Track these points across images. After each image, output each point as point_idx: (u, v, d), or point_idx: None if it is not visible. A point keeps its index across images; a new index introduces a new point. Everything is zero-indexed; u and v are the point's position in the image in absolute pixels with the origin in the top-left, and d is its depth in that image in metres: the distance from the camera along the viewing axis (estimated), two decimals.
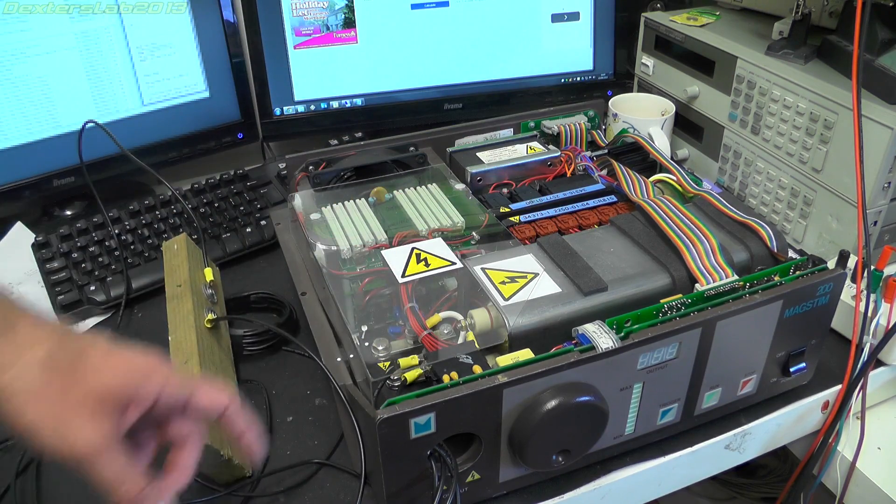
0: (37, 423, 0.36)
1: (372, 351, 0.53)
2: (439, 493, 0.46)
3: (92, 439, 0.37)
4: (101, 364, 0.39)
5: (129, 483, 0.38)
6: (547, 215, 0.68)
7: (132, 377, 0.39)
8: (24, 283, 0.78)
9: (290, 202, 0.71)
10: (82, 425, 0.37)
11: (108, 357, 0.39)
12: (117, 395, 0.38)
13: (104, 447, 0.37)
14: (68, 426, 0.37)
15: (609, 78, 1.08)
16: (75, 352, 0.38)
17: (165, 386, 0.40)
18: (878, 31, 0.69)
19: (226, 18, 0.93)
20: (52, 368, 0.37)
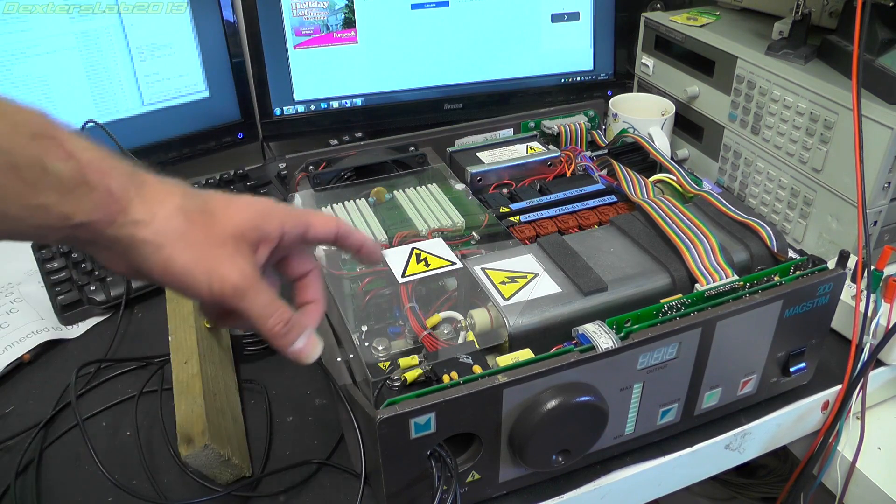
0: (189, 267, 0.38)
1: (372, 351, 0.53)
2: (439, 493, 0.46)
3: (241, 273, 0.39)
4: (226, 209, 0.41)
5: (279, 312, 0.41)
6: (547, 215, 0.68)
7: (257, 217, 0.41)
8: (24, 283, 0.78)
9: (290, 202, 0.71)
10: (230, 262, 0.39)
11: (230, 203, 0.41)
12: (249, 234, 0.41)
13: (253, 280, 0.40)
14: (219, 264, 0.39)
15: (609, 78, 1.08)
16: (201, 202, 0.40)
17: (285, 222, 0.43)
18: (878, 31, 0.69)
19: (226, 18, 0.93)
20: (188, 215, 0.39)
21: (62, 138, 0.35)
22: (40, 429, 0.60)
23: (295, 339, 0.42)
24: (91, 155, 0.36)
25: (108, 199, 0.36)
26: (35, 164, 0.34)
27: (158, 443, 0.59)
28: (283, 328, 0.41)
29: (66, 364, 0.69)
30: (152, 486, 0.55)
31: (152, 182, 0.39)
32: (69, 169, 0.35)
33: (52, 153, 0.34)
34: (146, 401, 0.63)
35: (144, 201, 0.38)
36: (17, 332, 0.70)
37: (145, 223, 0.37)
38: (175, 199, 0.39)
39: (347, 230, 0.46)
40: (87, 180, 0.35)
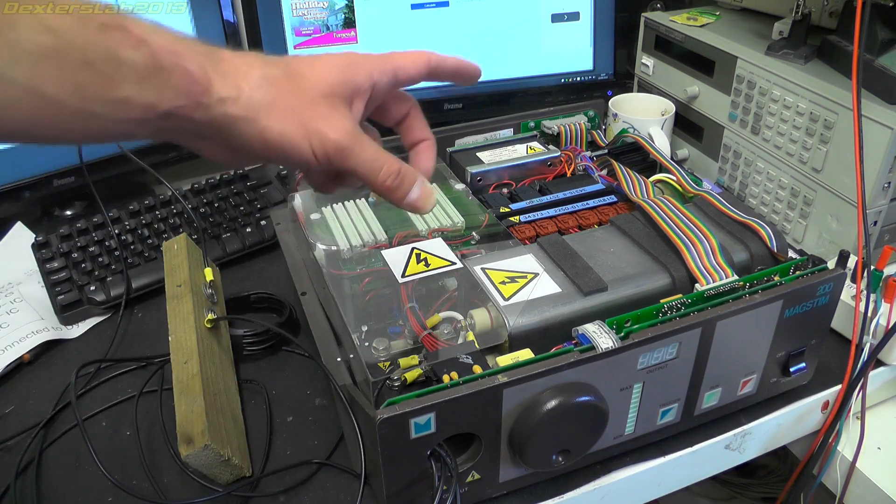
0: (288, 134, 0.37)
1: (372, 351, 0.53)
2: (439, 493, 0.46)
3: (341, 130, 0.38)
4: (312, 70, 0.39)
5: (389, 164, 0.40)
6: (547, 215, 0.68)
7: (344, 71, 0.40)
8: (24, 283, 0.78)
9: (290, 202, 0.71)
10: (328, 121, 0.38)
11: (314, 62, 0.40)
12: (341, 90, 0.39)
13: (355, 136, 0.39)
14: (317, 125, 0.38)
15: (609, 78, 1.08)
16: (283, 66, 0.39)
17: (373, 70, 0.41)
18: (878, 31, 0.69)
19: (226, 18, 0.93)
20: (274, 82, 0.38)
21: (130, 26, 0.34)
22: (40, 429, 0.60)
23: (409, 189, 0.41)
24: (162, 39, 0.35)
25: (187, 80, 0.35)
26: (108, 56, 0.33)
27: (158, 443, 0.59)
28: (396, 180, 0.40)
29: (66, 364, 0.69)
30: (152, 486, 0.55)
31: (230, 57, 0.38)
32: (142, 56, 0.34)
33: (123, 42, 0.34)
34: (146, 401, 0.63)
35: (227, 77, 0.37)
36: (17, 332, 0.70)
37: (233, 99, 0.36)
38: (257, 69, 0.38)
39: (439, 61, 0.44)
40: (163, 65, 0.35)
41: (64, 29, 0.32)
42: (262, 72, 0.38)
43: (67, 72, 0.32)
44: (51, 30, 0.32)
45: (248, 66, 0.38)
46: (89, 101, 0.33)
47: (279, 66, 0.39)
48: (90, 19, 0.33)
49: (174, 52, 0.35)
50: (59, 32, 0.32)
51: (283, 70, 0.39)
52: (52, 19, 0.32)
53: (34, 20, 0.31)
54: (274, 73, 0.38)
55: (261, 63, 0.38)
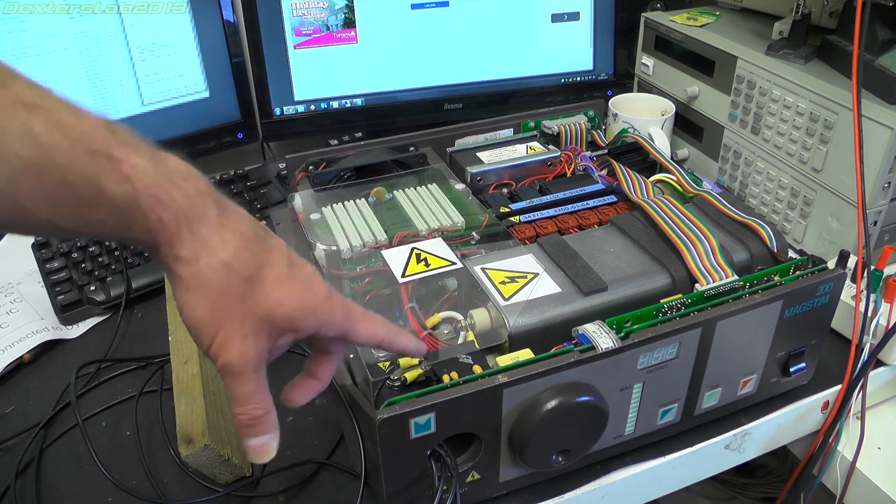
0: (202, 323, 0.37)
1: (372, 351, 0.53)
2: (439, 493, 0.46)
3: (241, 356, 0.38)
4: (275, 288, 0.38)
5: (253, 406, 0.39)
6: (547, 215, 0.68)
7: (299, 312, 0.39)
8: (24, 283, 0.78)
9: (290, 202, 0.71)
10: (240, 341, 0.37)
11: (283, 282, 0.39)
12: (280, 323, 0.39)
13: (250, 367, 0.38)
14: (228, 337, 0.37)
15: (609, 78, 1.08)
16: (254, 266, 0.38)
17: (325, 324, 0.41)
18: (878, 31, 0.69)
19: (226, 18, 0.93)
20: (229, 275, 0.37)
21: (121, 157, 0.34)
22: (40, 429, 0.60)
23: (253, 436, 0.40)
24: (148, 180, 0.35)
25: (158, 227, 0.35)
26: (90, 183, 0.33)
27: (158, 443, 0.59)
28: (248, 421, 0.40)
29: (66, 364, 0.69)
30: (152, 486, 0.55)
31: (212, 220, 0.37)
32: (124, 192, 0.34)
33: (108, 174, 0.33)
34: (146, 401, 0.63)
35: (194, 239, 0.36)
36: (17, 332, 0.70)
37: (186, 261, 0.36)
38: (226, 252, 0.37)
39: (391, 342, 0.44)
40: (141, 207, 0.35)
41: (51, 146, 0.32)
42: (228, 258, 0.37)
43: (45, 187, 0.32)
44: (38, 144, 0.31)
45: (221, 242, 0.37)
46: (61, 216, 0.33)
47: (249, 264, 0.38)
48: (80, 142, 0.33)
49: (156, 198, 0.35)
50: (45, 149, 0.32)
51: (249, 271, 0.38)
52: (43, 134, 0.32)
53: (24, 130, 0.31)
54: (239, 267, 0.37)
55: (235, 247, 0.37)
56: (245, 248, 0.38)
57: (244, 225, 0.39)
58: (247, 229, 0.39)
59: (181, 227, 0.36)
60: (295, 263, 0.40)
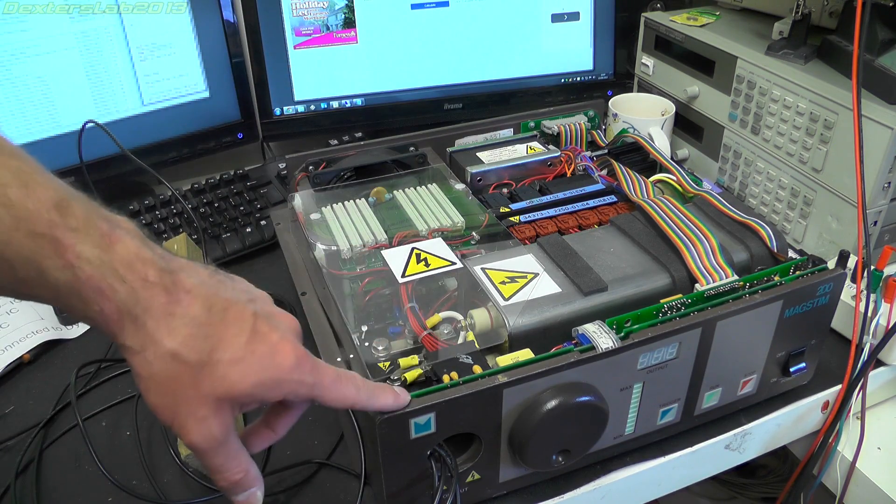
0: (157, 408, 0.37)
1: (372, 351, 0.53)
2: (439, 493, 0.46)
3: (204, 437, 0.37)
4: (231, 368, 0.37)
5: (231, 473, 0.39)
6: (547, 215, 0.68)
7: (260, 387, 0.37)
8: None
9: (290, 202, 0.71)
10: (198, 423, 0.37)
11: (241, 360, 0.37)
12: (242, 399, 0.38)
13: (215, 444, 0.38)
14: (184, 421, 0.37)
15: (609, 78, 1.08)
16: (207, 349, 0.36)
17: (291, 392, 0.39)
18: (878, 31, 0.69)
19: (226, 18, 0.93)
20: (178, 365, 0.36)
21: (67, 242, 0.33)
22: (40, 429, 0.60)
23: (237, 493, 0.40)
24: (91, 271, 0.34)
25: (99, 317, 0.35)
26: (30, 264, 0.33)
27: (158, 443, 0.59)
28: (228, 486, 0.40)
29: (66, 364, 0.69)
30: (152, 486, 0.55)
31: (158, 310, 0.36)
32: (65, 279, 0.33)
33: (50, 258, 0.33)
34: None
35: (139, 331, 0.35)
36: (17, 332, 0.70)
37: (133, 351, 0.36)
38: (173, 342, 0.36)
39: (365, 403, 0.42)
40: (82, 295, 0.34)
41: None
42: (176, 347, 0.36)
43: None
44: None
45: (168, 332, 0.36)
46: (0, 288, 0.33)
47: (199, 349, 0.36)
48: (24, 221, 0.32)
49: (98, 290, 0.34)
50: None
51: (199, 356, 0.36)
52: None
53: None
54: (187, 355, 0.36)
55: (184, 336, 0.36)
56: (196, 333, 0.36)
57: (196, 307, 0.37)
58: (199, 311, 0.37)
59: (124, 319, 0.35)
60: (258, 334, 0.38)
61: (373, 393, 0.42)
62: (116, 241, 0.35)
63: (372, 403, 0.42)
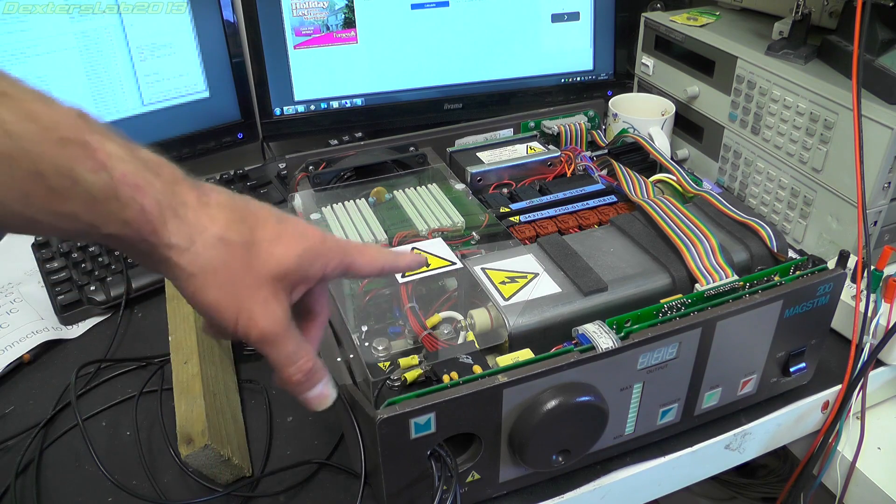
0: (220, 303, 0.36)
1: (372, 351, 0.53)
2: (439, 493, 0.46)
3: (273, 320, 0.37)
4: (273, 244, 0.38)
5: (303, 361, 0.39)
6: (547, 215, 0.68)
7: (304, 258, 0.39)
8: (24, 283, 0.78)
9: (290, 202, 0.71)
10: (263, 307, 0.37)
11: (280, 236, 0.39)
12: (292, 276, 0.39)
13: (283, 328, 0.38)
14: (251, 307, 0.37)
15: (609, 78, 1.08)
16: (247, 231, 0.38)
17: (329, 263, 0.40)
18: (878, 31, 0.69)
19: (226, 18, 0.93)
20: (229, 248, 0.36)
21: (96, 145, 0.33)
22: (40, 429, 0.60)
23: (312, 387, 0.41)
24: (125, 167, 0.34)
25: (139, 217, 0.34)
26: (63, 172, 0.32)
27: (158, 443, 0.59)
28: (303, 377, 0.40)
29: (66, 364, 0.69)
30: (152, 486, 0.55)
31: (194, 202, 0.36)
32: (100, 181, 0.33)
33: (83, 162, 0.32)
34: (146, 401, 0.63)
35: (182, 224, 0.35)
36: (17, 332, 0.70)
37: (180, 248, 0.35)
38: (218, 227, 0.36)
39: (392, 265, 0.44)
40: (119, 195, 0.33)
41: (22, 136, 0.31)
42: (221, 231, 0.37)
43: (16, 179, 0.31)
44: (8, 134, 0.30)
45: (210, 219, 0.36)
46: (34, 209, 0.32)
47: (242, 230, 0.37)
48: (52, 130, 0.32)
49: (135, 186, 0.34)
50: (15, 138, 0.31)
51: (244, 236, 0.37)
52: (13, 123, 0.31)
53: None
54: (233, 236, 0.37)
55: (225, 219, 0.37)
56: (234, 217, 0.37)
57: (225, 198, 0.38)
58: (229, 202, 0.38)
59: (165, 213, 0.35)
60: (283, 219, 0.40)
61: (396, 257, 0.45)
62: (138, 147, 0.36)
63: (398, 265, 0.45)
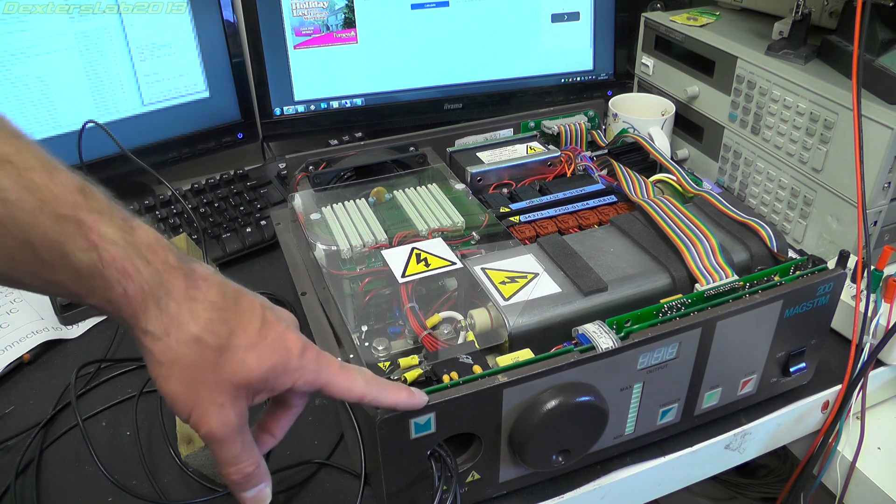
0: (177, 395, 0.37)
1: (372, 351, 0.53)
2: (439, 493, 0.46)
3: (223, 424, 0.37)
4: (247, 352, 0.38)
5: (244, 465, 0.39)
6: (547, 215, 0.68)
7: (271, 372, 0.39)
8: None
9: (290, 202, 0.71)
10: (217, 409, 0.37)
11: (255, 345, 0.38)
12: (256, 385, 0.38)
13: (231, 432, 0.38)
14: (205, 408, 0.37)
15: (609, 78, 1.08)
16: (225, 333, 0.37)
17: (298, 380, 0.40)
18: (878, 31, 0.69)
19: (226, 18, 0.93)
20: (201, 348, 0.37)
21: (90, 224, 0.33)
22: (40, 429, 0.60)
23: (247, 490, 0.40)
24: (116, 251, 0.34)
25: (122, 299, 0.35)
26: (53, 246, 0.32)
27: (158, 443, 0.59)
28: (241, 479, 0.40)
29: (66, 364, 0.69)
30: (152, 486, 0.55)
31: (180, 294, 0.36)
32: (88, 260, 0.33)
33: (74, 240, 0.33)
34: (146, 401, 0.63)
35: (162, 315, 0.36)
36: (17, 332, 0.70)
37: (154, 336, 0.36)
38: (197, 325, 0.36)
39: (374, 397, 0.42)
40: (105, 276, 0.34)
41: (17, 204, 0.31)
42: (198, 331, 0.36)
43: (5, 244, 0.32)
44: (3, 201, 0.31)
45: (191, 316, 0.36)
46: (19, 273, 0.33)
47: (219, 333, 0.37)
48: (48, 204, 0.32)
49: (122, 270, 0.34)
50: (10, 206, 0.31)
51: (219, 340, 0.37)
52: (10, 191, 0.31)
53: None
54: (208, 339, 0.37)
55: (205, 320, 0.37)
56: (216, 318, 0.37)
57: (214, 293, 0.38)
58: (217, 297, 0.38)
59: (148, 301, 0.35)
60: (268, 322, 0.39)
61: (383, 389, 0.43)
62: (137, 227, 0.36)
63: (382, 398, 0.42)
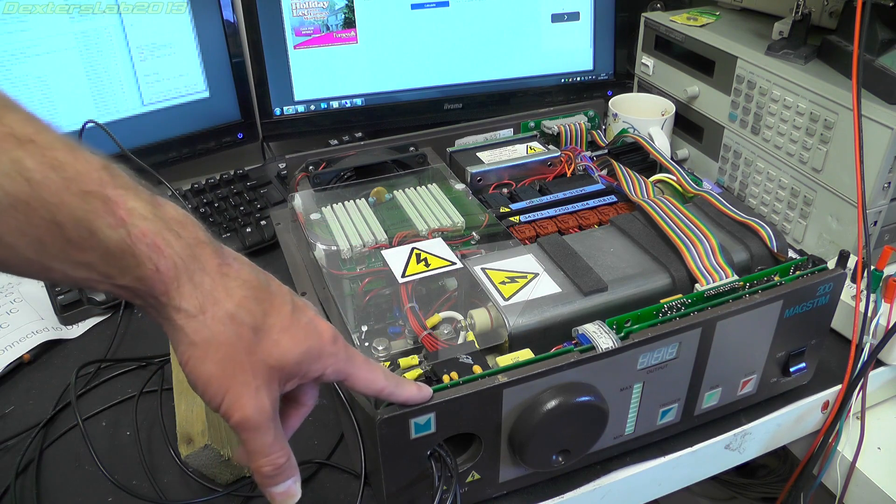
0: (211, 378, 0.35)
1: (372, 351, 0.53)
2: (439, 493, 0.46)
3: (258, 409, 0.36)
4: (282, 334, 0.37)
5: (276, 455, 0.38)
6: (547, 215, 0.68)
7: (308, 356, 0.38)
8: (24, 282, 0.78)
9: (290, 202, 0.71)
10: (253, 394, 0.36)
11: (289, 328, 0.38)
12: (290, 369, 0.38)
13: (266, 418, 0.37)
14: (239, 392, 0.36)
15: (609, 78, 1.08)
16: (260, 314, 0.37)
17: (328, 367, 0.40)
18: (878, 31, 0.69)
19: (226, 18, 0.93)
20: (237, 327, 0.35)
21: (117, 200, 0.32)
22: (40, 429, 0.60)
23: (278, 483, 0.39)
24: (145, 225, 0.33)
25: (154, 276, 0.34)
26: (81, 224, 0.31)
27: (158, 443, 0.59)
28: (272, 471, 0.39)
29: (66, 364, 0.69)
30: (152, 486, 0.55)
31: (213, 270, 0.35)
32: (117, 237, 0.32)
33: (102, 217, 0.32)
34: (146, 401, 0.63)
35: (196, 290, 0.35)
36: (17, 332, 0.70)
37: (189, 314, 0.35)
38: (232, 302, 0.35)
39: (391, 392, 0.42)
40: (135, 253, 0.33)
41: (42, 184, 0.30)
42: (234, 309, 0.35)
43: (32, 226, 0.31)
44: (28, 181, 0.30)
45: (226, 292, 0.35)
46: (47, 257, 0.32)
47: (254, 312, 0.36)
48: (74, 181, 0.31)
49: (153, 245, 0.33)
50: (35, 186, 0.30)
51: (255, 319, 0.36)
52: (35, 171, 0.30)
53: (14, 166, 0.30)
54: (245, 317, 0.36)
55: (240, 297, 0.36)
56: (250, 296, 0.36)
57: (246, 273, 0.37)
58: (250, 277, 0.37)
59: (181, 276, 0.34)
60: (298, 308, 0.39)
61: (399, 384, 0.43)
62: (164, 203, 0.35)
63: (398, 393, 0.43)
